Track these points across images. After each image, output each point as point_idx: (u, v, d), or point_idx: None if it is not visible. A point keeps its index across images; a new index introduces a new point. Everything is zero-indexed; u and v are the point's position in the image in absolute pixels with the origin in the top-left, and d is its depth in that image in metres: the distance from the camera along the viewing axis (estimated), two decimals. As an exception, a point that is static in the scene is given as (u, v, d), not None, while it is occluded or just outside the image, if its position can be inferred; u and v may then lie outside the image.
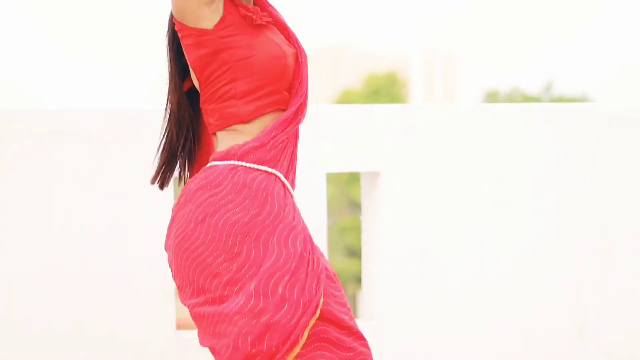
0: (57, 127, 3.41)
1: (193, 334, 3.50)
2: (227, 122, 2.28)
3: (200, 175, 2.26)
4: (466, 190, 3.74)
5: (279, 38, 2.34)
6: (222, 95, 2.27)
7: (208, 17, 2.25)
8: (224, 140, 2.29)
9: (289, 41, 2.38)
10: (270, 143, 2.25)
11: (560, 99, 42.56)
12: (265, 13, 2.35)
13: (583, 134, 3.87)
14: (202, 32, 2.25)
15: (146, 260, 3.45)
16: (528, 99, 42.94)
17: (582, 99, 42.55)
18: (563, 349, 3.82)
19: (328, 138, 3.60)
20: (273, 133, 2.26)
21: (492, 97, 43.74)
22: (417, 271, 3.68)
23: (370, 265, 3.68)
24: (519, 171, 3.80)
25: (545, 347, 3.81)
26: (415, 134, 3.69)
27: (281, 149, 2.28)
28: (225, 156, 2.25)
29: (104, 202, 3.44)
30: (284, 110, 2.32)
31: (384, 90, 39.77)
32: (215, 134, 2.32)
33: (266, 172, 2.25)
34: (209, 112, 2.30)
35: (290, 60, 2.32)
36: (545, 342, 3.81)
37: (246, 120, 2.27)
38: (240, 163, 2.23)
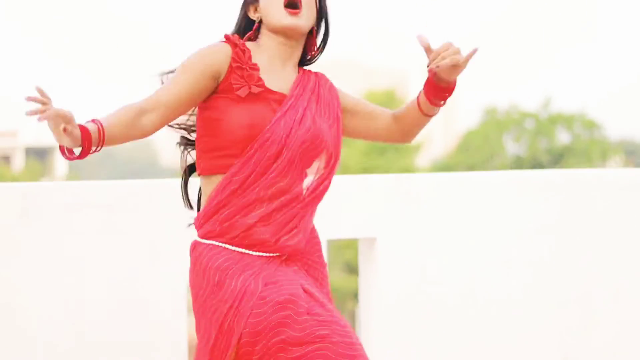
0: (78, 200, 3.70)
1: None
2: (199, 170, 2.64)
3: (191, 255, 2.60)
4: (458, 255, 4.06)
5: (261, 108, 2.59)
6: (199, 145, 2.63)
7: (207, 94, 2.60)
8: (203, 187, 2.65)
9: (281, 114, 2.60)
10: (221, 212, 2.56)
11: (559, 116, 43.04)
12: (258, 85, 2.58)
13: (565, 199, 4.20)
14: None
15: (162, 317, 3.74)
16: (526, 115, 43.46)
17: (580, 116, 43.05)
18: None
19: (327, 206, 3.87)
20: (217, 198, 2.56)
21: (491, 113, 44.25)
22: (412, 332, 3.98)
23: (368, 328, 3.95)
24: (507, 235, 4.12)
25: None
26: (409, 202, 4.00)
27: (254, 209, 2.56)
28: (204, 236, 2.58)
29: (122, 266, 3.72)
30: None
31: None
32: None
33: (227, 249, 2.55)
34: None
35: (256, 124, 2.56)
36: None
37: (205, 174, 2.61)
38: (214, 243, 2.56)
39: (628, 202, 4.30)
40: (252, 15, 2.68)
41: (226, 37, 2.65)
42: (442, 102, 2.75)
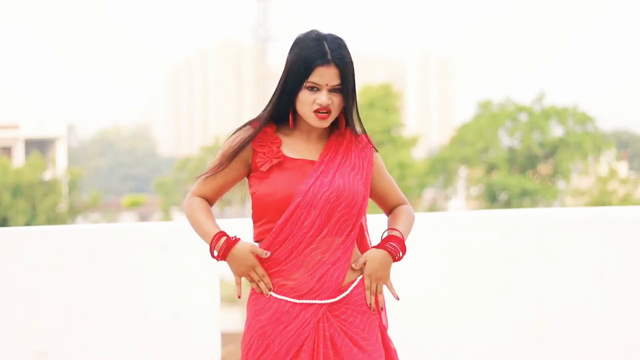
0: (132, 240, 4.49)
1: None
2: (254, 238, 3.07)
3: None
4: (437, 283, 4.83)
5: (286, 175, 2.97)
6: (253, 220, 3.07)
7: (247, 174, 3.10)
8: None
9: (304, 178, 2.96)
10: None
11: (552, 109, 42.93)
12: (277, 157, 2.97)
13: (522, 235, 4.97)
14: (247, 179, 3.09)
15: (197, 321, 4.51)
16: (520, 108, 43.33)
17: (574, 108, 42.95)
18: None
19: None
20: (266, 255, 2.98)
21: (485, 107, 44.08)
22: (398, 347, 4.75)
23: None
24: (475, 264, 4.89)
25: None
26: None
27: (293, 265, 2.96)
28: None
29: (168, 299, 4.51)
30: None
31: (379, 101, 40.22)
32: None
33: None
34: None
35: (282, 195, 2.94)
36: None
37: (256, 241, 3.03)
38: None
39: (574, 236, 5.06)
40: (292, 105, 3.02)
41: (252, 123, 3.04)
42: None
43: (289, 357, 2.95)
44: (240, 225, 4.18)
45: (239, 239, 3.00)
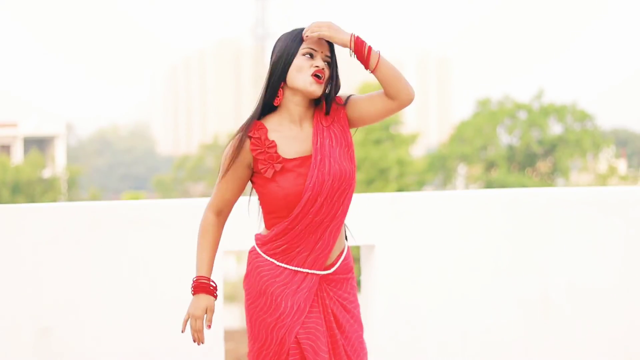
0: (138, 217, 4.51)
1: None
2: (265, 225, 3.37)
3: (250, 257, 3.37)
4: (443, 259, 4.86)
5: (289, 178, 3.23)
6: (261, 207, 3.38)
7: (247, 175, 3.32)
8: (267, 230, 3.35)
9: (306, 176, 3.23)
10: (277, 242, 3.27)
11: (551, 106, 42.95)
12: (278, 162, 3.22)
13: (527, 214, 4.99)
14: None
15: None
16: (519, 106, 43.34)
17: (572, 106, 42.95)
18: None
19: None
20: (275, 238, 3.28)
21: (484, 104, 44.08)
22: (406, 324, 4.80)
23: (367, 321, 4.76)
24: (481, 243, 4.91)
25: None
26: (402, 216, 4.80)
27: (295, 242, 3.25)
28: (265, 252, 3.33)
29: (173, 272, 4.53)
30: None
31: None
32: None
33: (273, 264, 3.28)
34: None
35: (292, 197, 3.22)
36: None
37: (268, 228, 3.34)
38: (273, 261, 3.30)
39: (579, 215, 5.10)
40: (282, 86, 3.27)
41: (247, 132, 3.26)
42: (356, 57, 3.24)
43: (301, 317, 3.28)
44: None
45: (209, 290, 3.31)
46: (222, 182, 3.32)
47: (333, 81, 3.31)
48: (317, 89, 3.25)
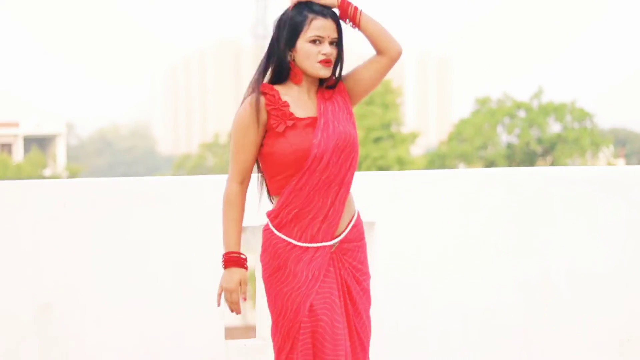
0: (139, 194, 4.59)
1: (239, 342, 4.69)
2: (270, 192, 3.46)
3: (265, 235, 3.44)
4: (442, 236, 4.91)
5: (299, 135, 3.33)
6: (266, 174, 3.45)
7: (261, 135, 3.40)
8: (275, 200, 3.45)
9: (316, 133, 3.32)
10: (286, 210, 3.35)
11: (550, 105, 42.95)
12: (291, 119, 3.32)
13: (530, 193, 5.06)
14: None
15: (201, 279, 4.61)
16: (518, 104, 43.36)
17: (572, 105, 42.94)
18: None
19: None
20: (284, 204, 3.35)
21: (483, 103, 44.09)
22: (405, 301, 4.87)
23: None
24: (482, 222, 4.99)
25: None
26: (402, 193, 4.86)
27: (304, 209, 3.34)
28: (276, 226, 3.40)
29: (173, 244, 4.61)
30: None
31: (378, 97, 40.28)
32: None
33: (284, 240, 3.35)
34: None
35: (300, 153, 3.30)
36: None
37: (274, 194, 3.41)
38: (286, 239, 3.38)
39: (582, 195, 5.17)
40: (289, 57, 3.37)
41: (260, 88, 3.36)
42: (342, 18, 3.40)
43: (316, 285, 3.36)
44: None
45: (240, 263, 3.39)
46: (241, 149, 3.38)
47: (341, 59, 3.44)
48: (326, 73, 3.40)
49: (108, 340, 4.51)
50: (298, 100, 3.42)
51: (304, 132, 3.37)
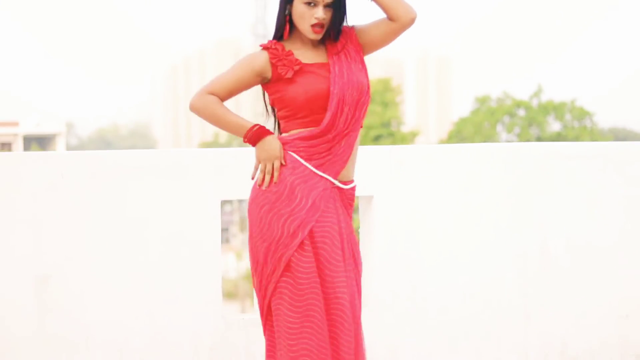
0: (138, 166, 4.59)
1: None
2: (284, 131, 3.52)
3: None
4: (439, 209, 4.92)
5: (309, 78, 3.42)
6: (279, 116, 3.52)
7: (263, 80, 3.48)
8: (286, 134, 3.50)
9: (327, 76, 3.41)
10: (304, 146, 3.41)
11: (550, 104, 42.93)
12: (297, 64, 3.41)
13: (528, 168, 5.07)
14: (266, 86, 3.52)
15: (200, 251, 4.62)
16: (518, 103, 43.35)
17: (571, 103, 42.90)
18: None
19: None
20: (300, 136, 3.42)
21: (483, 102, 44.08)
22: (403, 275, 4.87)
23: (365, 272, 4.81)
24: (478, 196, 4.99)
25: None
26: (399, 167, 4.86)
27: (325, 149, 3.42)
28: (286, 143, 3.46)
29: (172, 218, 4.61)
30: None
31: (378, 95, 40.27)
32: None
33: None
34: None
35: (312, 94, 3.40)
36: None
37: (287, 132, 3.49)
38: (295, 156, 3.43)
39: (580, 171, 5.17)
40: (286, 11, 3.46)
41: (262, 45, 3.49)
42: None
43: (316, 214, 3.39)
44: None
45: (268, 131, 3.46)
46: (228, 74, 3.46)
47: (341, 16, 3.48)
48: (316, 37, 3.47)
49: (106, 312, 4.51)
50: (303, 49, 3.49)
51: (315, 75, 3.44)
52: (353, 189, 3.57)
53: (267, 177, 3.41)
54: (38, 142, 56.09)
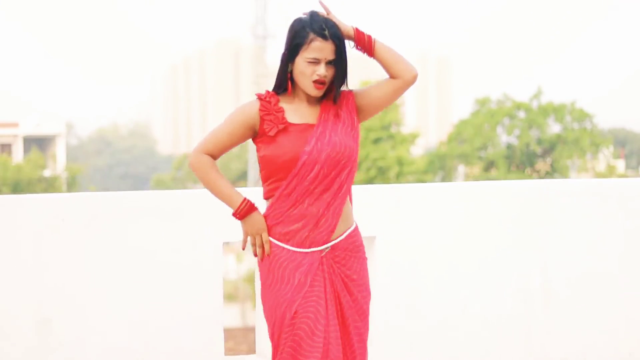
0: (138, 208, 4.59)
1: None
2: (264, 196, 3.51)
3: None
4: (440, 249, 4.93)
5: (290, 139, 3.40)
6: (261, 177, 3.50)
7: (251, 137, 3.48)
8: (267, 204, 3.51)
9: (310, 140, 3.39)
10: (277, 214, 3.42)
11: (550, 105, 42.97)
12: (282, 123, 3.39)
13: (529, 205, 5.07)
14: (254, 140, 3.50)
15: (200, 295, 4.63)
16: (518, 105, 43.38)
17: (571, 105, 42.96)
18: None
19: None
20: (273, 206, 3.42)
21: (483, 104, 44.10)
22: (408, 315, 4.88)
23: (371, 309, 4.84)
24: (477, 233, 5.00)
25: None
26: (401, 208, 4.87)
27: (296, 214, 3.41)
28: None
29: (170, 253, 4.62)
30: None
31: None
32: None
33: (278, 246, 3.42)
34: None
35: (290, 156, 3.37)
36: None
37: (266, 198, 3.47)
38: (277, 242, 3.44)
39: (580, 207, 5.20)
40: (288, 68, 3.47)
41: (257, 95, 3.48)
42: (357, 47, 3.50)
43: (301, 291, 3.39)
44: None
45: (255, 208, 3.48)
46: (221, 130, 3.47)
47: (340, 73, 3.46)
48: (318, 93, 3.46)
49: (108, 353, 4.52)
50: (297, 108, 3.49)
51: (297, 137, 3.43)
52: (349, 236, 3.51)
53: (259, 251, 3.45)
54: (38, 143, 56.09)
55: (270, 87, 3.54)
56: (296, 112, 3.48)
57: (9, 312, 4.45)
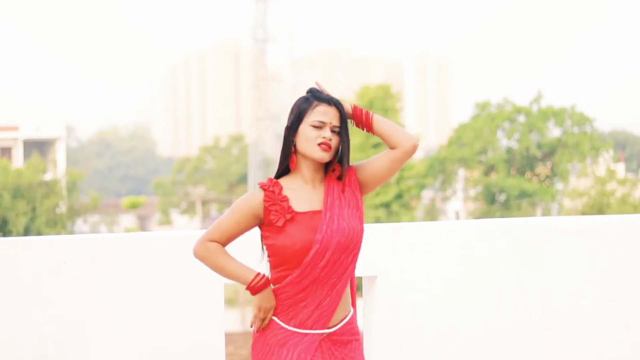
0: (136, 248, 4.60)
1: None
2: (272, 282, 3.50)
3: None
4: (443, 288, 4.93)
5: (299, 228, 3.41)
6: (270, 263, 3.51)
7: (257, 225, 3.48)
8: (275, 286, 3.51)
9: (317, 227, 3.40)
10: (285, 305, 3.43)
11: (550, 109, 42.98)
12: (289, 213, 3.40)
13: (530, 243, 5.08)
14: (260, 228, 3.50)
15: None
16: (518, 109, 43.38)
17: (571, 109, 42.97)
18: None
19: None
20: (280, 290, 3.42)
21: (483, 108, 44.09)
22: (405, 349, 4.87)
23: (369, 352, 4.84)
24: (481, 273, 5.00)
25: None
26: (402, 247, 4.86)
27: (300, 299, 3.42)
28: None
29: (170, 296, 4.62)
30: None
31: (378, 102, 40.25)
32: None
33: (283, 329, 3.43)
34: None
35: (300, 246, 3.38)
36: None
37: (275, 284, 3.47)
38: (277, 321, 3.45)
39: (580, 244, 5.18)
40: (292, 143, 3.47)
41: (260, 184, 3.48)
42: (356, 125, 3.55)
43: None
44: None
45: (269, 282, 3.47)
46: (226, 219, 3.47)
47: (344, 146, 3.49)
48: (324, 156, 3.46)
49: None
50: (301, 193, 3.49)
51: (305, 226, 3.43)
52: (347, 323, 3.54)
53: (259, 323, 3.46)
54: (38, 146, 56.11)
55: (270, 93, 3.56)
56: (301, 198, 3.47)
57: (8, 352, 4.44)
